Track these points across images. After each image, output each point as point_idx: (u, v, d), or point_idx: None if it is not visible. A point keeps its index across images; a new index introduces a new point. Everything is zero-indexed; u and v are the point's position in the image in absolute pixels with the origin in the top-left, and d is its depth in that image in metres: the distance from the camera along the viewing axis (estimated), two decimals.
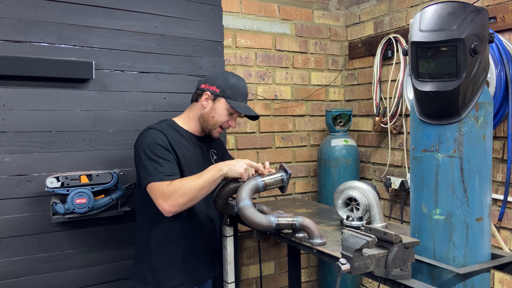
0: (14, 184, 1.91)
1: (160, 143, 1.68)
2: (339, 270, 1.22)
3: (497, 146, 2.10)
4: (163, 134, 1.71)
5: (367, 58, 2.95)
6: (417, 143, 1.43)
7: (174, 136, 1.76)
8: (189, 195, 1.58)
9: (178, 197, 1.58)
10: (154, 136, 1.70)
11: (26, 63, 1.89)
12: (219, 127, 1.84)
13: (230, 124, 1.85)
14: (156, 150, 1.66)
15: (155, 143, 1.67)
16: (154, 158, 1.65)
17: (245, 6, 2.73)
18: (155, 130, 1.72)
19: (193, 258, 1.82)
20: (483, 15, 1.29)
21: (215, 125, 1.82)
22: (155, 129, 1.73)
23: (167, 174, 1.63)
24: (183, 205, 1.60)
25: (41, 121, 1.96)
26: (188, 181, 1.60)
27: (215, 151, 1.99)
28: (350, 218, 1.77)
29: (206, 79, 1.86)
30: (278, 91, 2.89)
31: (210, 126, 1.82)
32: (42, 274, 1.98)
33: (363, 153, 3.01)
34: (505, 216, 2.08)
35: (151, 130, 1.73)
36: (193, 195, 1.59)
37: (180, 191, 1.58)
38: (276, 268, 2.96)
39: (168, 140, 1.71)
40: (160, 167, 1.63)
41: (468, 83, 1.29)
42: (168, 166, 1.65)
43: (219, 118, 1.81)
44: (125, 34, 2.14)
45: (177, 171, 1.69)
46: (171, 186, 1.59)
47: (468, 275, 1.33)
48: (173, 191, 1.58)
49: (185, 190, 1.58)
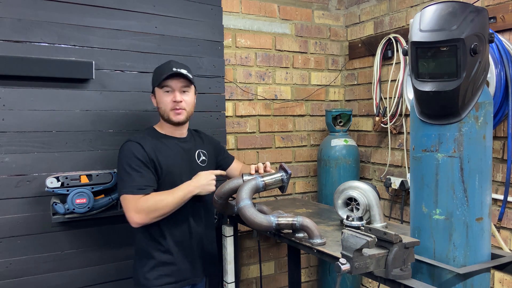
0: (14, 184, 1.91)
1: (137, 155, 1.72)
2: (339, 270, 1.22)
3: (497, 146, 2.09)
4: (139, 146, 1.74)
5: (367, 58, 2.95)
6: (417, 143, 1.43)
7: (153, 143, 1.79)
8: (160, 211, 1.68)
9: (149, 212, 1.67)
10: (131, 148, 1.73)
11: (26, 63, 1.89)
12: (171, 111, 1.80)
13: (174, 100, 1.78)
14: (132, 162, 1.71)
15: (131, 155, 1.72)
16: (129, 171, 1.70)
17: (245, 6, 2.73)
18: (132, 142, 1.75)
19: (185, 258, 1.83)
20: (483, 15, 1.29)
21: (166, 112, 1.81)
22: (133, 141, 1.75)
23: (139, 188, 1.68)
24: (153, 219, 1.69)
25: (41, 121, 1.96)
26: (161, 197, 1.69)
27: (204, 151, 1.97)
28: (350, 218, 1.77)
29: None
30: (278, 91, 2.89)
31: (165, 116, 1.82)
32: (42, 274, 1.98)
33: (363, 153, 3.01)
34: (505, 216, 2.08)
35: (129, 142, 1.76)
36: (164, 212, 1.69)
37: (152, 207, 1.67)
38: (276, 268, 2.96)
39: (145, 151, 1.74)
40: (133, 180, 1.69)
41: (468, 83, 1.29)
42: (141, 179, 1.69)
43: (162, 104, 1.81)
44: (125, 34, 2.14)
45: (151, 183, 1.72)
46: (144, 200, 1.67)
47: (468, 275, 1.33)
48: (146, 206, 1.66)
49: (157, 207, 1.67)
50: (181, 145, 1.88)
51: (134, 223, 1.68)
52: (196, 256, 1.88)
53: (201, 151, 1.96)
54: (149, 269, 1.78)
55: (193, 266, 1.86)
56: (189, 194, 1.73)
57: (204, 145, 2.00)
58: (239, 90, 2.73)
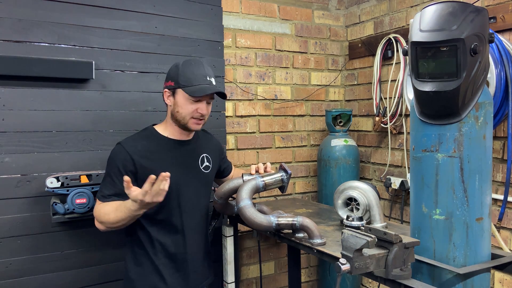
0: (14, 184, 1.91)
1: (116, 162, 1.66)
2: (339, 270, 1.22)
3: (497, 146, 2.09)
4: (125, 152, 1.65)
5: (367, 58, 2.95)
6: (417, 143, 1.43)
7: (147, 148, 1.70)
8: (106, 224, 1.63)
9: (100, 222, 1.66)
10: (116, 152, 1.69)
11: (26, 63, 1.89)
12: (192, 119, 1.71)
13: (201, 112, 1.70)
14: (110, 168, 1.68)
15: (112, 161, 1.68)
16: (105, 176, 1.70)
17: (245, 6, 2.73)
18: (120, 147, 1.68)
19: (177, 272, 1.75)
20: (483, 15, 1.29)
21: (185, 119, 1.70)
22: (121, 145, 1.68)
23: (105, 196, 1.66)
24: (106, 228, 1.66)
25: (41, 121, 1.96)
26: (108, 211, 1.61)
27: (209, 156, 1.88)
28: (350, 218, 1.77)
29: (165, 78, 1.77)
30: (278, 91, 2.89)
31: (181, 121, 1.72)
32: (42, 274, 1.98)
33: (363, 153, 3.01)
34: (505, 216, 2.08)
35: (117, 146, 1.70)
36: (110, 225, 1.63)
37: (100, 218, 1.65)
38: (276, 268, 2.96)
39: (130, 156, 1.65)
40: (104, 186, 1.68)
41: (468, 83, 1.29)
42: (109, 187, 1.66)
43: (183, 110, 1.69)
44: (125, 34, 2.14)
45: (118, 193, 1.62)
46: (97, 209, 1.66)
47: (468, 275, 1.33)
48: (98, 215, 1.66)
49: (102, 219, 1.64)
50: (183, 149, 1.79)
51: (97, 226, 1.69)
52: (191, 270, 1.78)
53: (205, 155, 1.86)
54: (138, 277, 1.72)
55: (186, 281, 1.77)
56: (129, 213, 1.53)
57: (210, 149, 1.90)
58: (239, 90, 2.73)
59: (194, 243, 1.80)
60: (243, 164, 2.77)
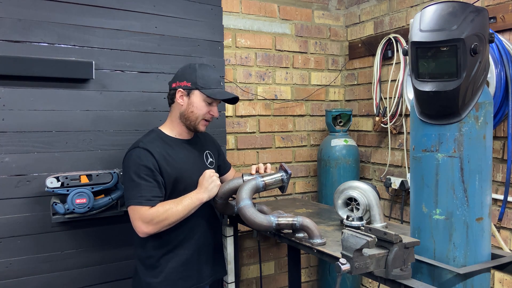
0: (14, 184, 1.91)
1: (145, 164, 1.66)
2: (339, 270, 1.22)
3: (497, 146, 2.09)
4: (149, 153, 1.68)
5: (367, 58, 2.95)
6: (417, 143, 1.43)
7: (163, 148, 1.73)
8: (170, 220, 1.65)
9: (159, 222, 1.63)
10: (140, 155, 1.67)
11: (26, 63, 1.89)
12: (203, 120, 1.79)
13: (213, 114, 1.80)
14: (140, 171, 1.65)
15: (139, 164, 1.66)
16: (137, 180, 1.65)
17: (245, 6, 2.73)
18: (141, 149, 1.68)
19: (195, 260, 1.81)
20: (483, 15, 1.29)
21: (197, 120, 1.77)
22: (141, 148, 1.69)
23: (148, 199, 1.64)
24: (161, 228, 1.65)
25: (41, 121, 1.96)
26: (170, 206, 1.64)
27: (211, 152, 1.96)
28: (350, 218, 1.77)
29: (175, 77, 1.81)
30: (278, 91, 2.89)
31: (192, 122, 1.78)
32: (42, 274, 1.97)
33: (363, 153, 3.01)
34: (505, 216, 2.08)
35: (137, 149, 1.69)
36: (173, 220, 1.65)
37: (162, 216, 1.63)
38: (276, 268, 2.96)
39: (155, 158, 1.68)
40: (142, 190, 1.64)
41: (468, 83, 1.29)
42: (149, 189, 1.65)
43: (198, 111, 1.76)
44: (125, 34, 2.14)
45: (159, 194, 1.68)
46: (153, 210, 1.63)
47: (468, 275, 1.33)
48: (155, 216, 1.63)
49: (166, 215, 1.63)
50: (190, 148, 1.85)
51: (142, 233, 1.65)
52: (203, 262, 1.85)
53: (208, 152, 1.94)
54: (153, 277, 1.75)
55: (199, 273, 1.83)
56: (197, 201, 1.69)
57: (209, 146, 1.98)
58: (239, 90, 2.73)
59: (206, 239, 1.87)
60: (243, 164, 2.78)
